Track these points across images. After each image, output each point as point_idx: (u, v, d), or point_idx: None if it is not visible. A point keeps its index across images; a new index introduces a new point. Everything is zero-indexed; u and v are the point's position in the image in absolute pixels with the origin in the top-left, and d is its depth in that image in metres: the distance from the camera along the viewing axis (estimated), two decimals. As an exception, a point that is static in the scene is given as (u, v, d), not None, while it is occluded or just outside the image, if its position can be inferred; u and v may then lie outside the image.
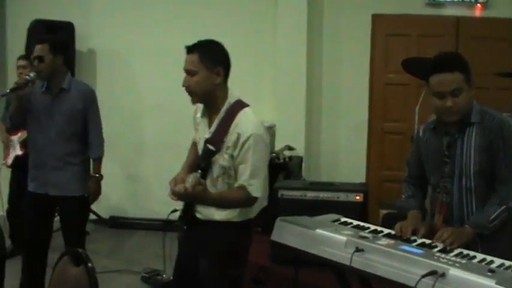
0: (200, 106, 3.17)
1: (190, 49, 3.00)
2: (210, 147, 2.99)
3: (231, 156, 2.98)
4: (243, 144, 2.94)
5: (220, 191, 3.04)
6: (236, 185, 3.00)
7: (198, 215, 3.13)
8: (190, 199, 2.96)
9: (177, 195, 2.88)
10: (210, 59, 2.97)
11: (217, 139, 3.00)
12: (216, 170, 3.03)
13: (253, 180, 2.95)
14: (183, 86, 3.00)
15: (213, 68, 2.97)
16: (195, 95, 3.01)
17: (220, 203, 3.02)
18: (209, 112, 3.11)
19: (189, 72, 2.98)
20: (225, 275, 3.11)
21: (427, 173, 3.14)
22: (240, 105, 3.05)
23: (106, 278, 4.82)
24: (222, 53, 3.06)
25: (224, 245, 3.06)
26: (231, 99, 3.05)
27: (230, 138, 2.97)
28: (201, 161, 3.05)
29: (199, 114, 3.19)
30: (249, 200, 3.00)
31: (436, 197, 3.06)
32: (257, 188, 2.97)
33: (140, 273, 5.28)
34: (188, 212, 3.13)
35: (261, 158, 2.99)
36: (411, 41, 6.46)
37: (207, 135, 3.06)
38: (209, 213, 3.08)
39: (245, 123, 2.97)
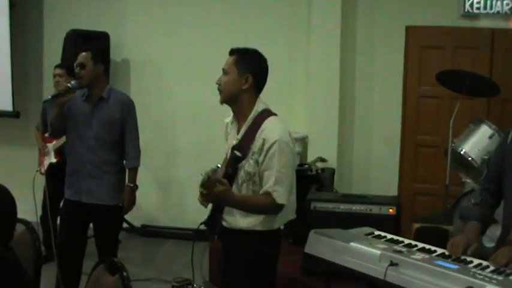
0: (231, 113, 3.24)
1: (231, 51, 3.17)
2: (237, 153, 3.04)
3: (256, 162, 3.01)
4: (268, 150, 2.97)
5: (245, 195, 3.07)
6: (261, 192, 3.02)
7: (224, 223, 3.16)
8: (215, 198, 2.96)
9: (203, 196, 2.93)
10: (242, 65, 3.09)
11: (244, 146, 3.05)
12: (241, 176, 3.07)
13: (277, 186, 2.97)
14: (216, 83, 3.14)
15: (243, 73, 3.08)
16: (222, 94, 3.12)
17: (244, 205, 3.05)
18: (238, 119, 3.18)
19: (223, 71, 3.13)
20: (252, 285, 3.13)
21: (505, 180, 2.94)
22: (267, 113, 3.12)
23: (136, 287, 4.84)
24: (256, 63, 3.15)
25: (248, 254, 3.10)
26: (258, 107, 3.11)
27: (256, 144, 3.02)
28: (227, 167, 3.09)
29: (228, 120, 3.27)
30: (273, 207, 3.01)
31: None
32: (282, 194, 2.98)
33: (171, 282, 5.27)
34: (214, 219, 3.16)
35: (286, 165, 3.01)
36: (445, 53, 6.39)
37: (235, 142, 3.12)
38: (233, 221, 3.11)
39: (271, 130, 3.02)
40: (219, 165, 3.00)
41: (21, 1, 7.22)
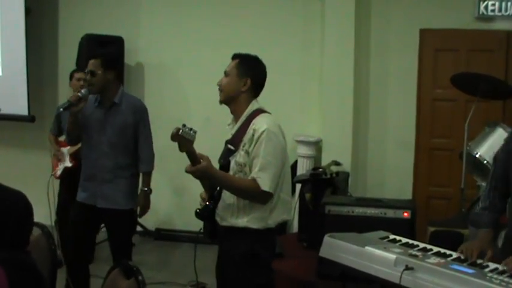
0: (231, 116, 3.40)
1: (234, 56, 3.38)
2: (230, 147, 3.25)
3: (247, 153, 3.15)
4: (258, 138, 3.12)
5: (231, 175, 3.21)
6: (249, 178, 3.13)
7: (217, 219, 3.28)
8: (199, 173, 3.10)
9: (187, 170, 3.12)
10: (243, 69, 3.28)
11: (236, 139, 3.24)
12: (232, 167, 3.22)
13: (261, 172, 3.07)
14: (217, 84, 3.33)
15: (242, 76, 3.27)
16: (222, 94, 3.32)
17: (227, 183, 3.16)
18: (235, 119, 3.35)
19: (225, 73, 3.32)
20: (244, 284, 3.18)
21: (510, 184, 2.98)
22: (260, 111, 3.28)
23: (151, 290, 4.86)
24: (256, 68, 3.34)
25: (241, 253, 3.15)
26: (253, 107, 3.28)
27: (247, 136, 3.17)
28: (219, 159, 3.31)
29: (228, 122, 3.42)
30: (257, 193, 3.08)
31: None
32: (265, 181, 3.06)
33: (186, 286, 5.31)
34: (208, 210, 3.31)
35: (273, 153, 3.12)
36: (460, 56, 6.37)
37: (229, 138, 3.31)
38: (227, 215, 3.20)
39: (260, 122, 3.18)
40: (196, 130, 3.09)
41: (37, 7, 7.28)
